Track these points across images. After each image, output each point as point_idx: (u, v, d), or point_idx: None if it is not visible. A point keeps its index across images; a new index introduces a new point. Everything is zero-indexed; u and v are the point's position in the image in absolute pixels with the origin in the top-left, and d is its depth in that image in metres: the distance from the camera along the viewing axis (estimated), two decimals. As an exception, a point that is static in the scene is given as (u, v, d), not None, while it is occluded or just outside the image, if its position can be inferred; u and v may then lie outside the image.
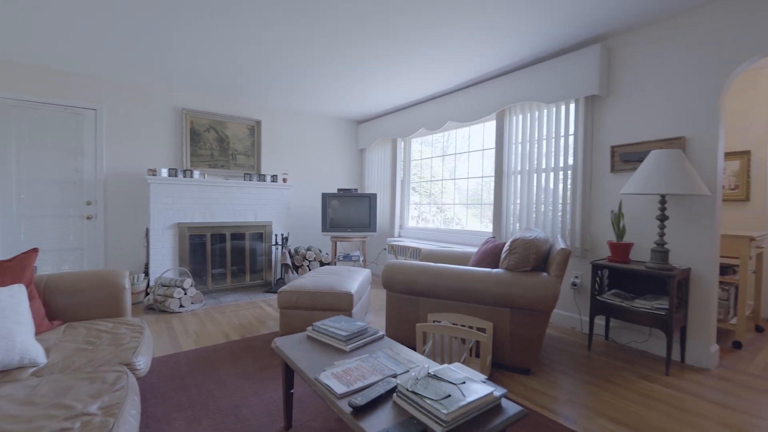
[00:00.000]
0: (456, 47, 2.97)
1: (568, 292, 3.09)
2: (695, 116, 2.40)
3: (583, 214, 2.94)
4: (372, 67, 3.44)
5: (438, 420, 0.99)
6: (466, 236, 4.16)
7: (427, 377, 1.17)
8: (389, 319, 2.57)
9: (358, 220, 4.55)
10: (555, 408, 1.88)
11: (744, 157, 3.50)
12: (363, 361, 1.41)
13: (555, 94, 3.01)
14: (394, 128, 4.81)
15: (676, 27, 2.47)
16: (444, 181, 4.72)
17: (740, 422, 1.77)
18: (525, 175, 3.35)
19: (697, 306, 2.40)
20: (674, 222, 2.49)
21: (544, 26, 2.62)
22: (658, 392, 2.05)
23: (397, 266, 2.50)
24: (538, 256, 2.20)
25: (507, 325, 2.20)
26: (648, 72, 2.61)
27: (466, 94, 3.83)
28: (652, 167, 2.29)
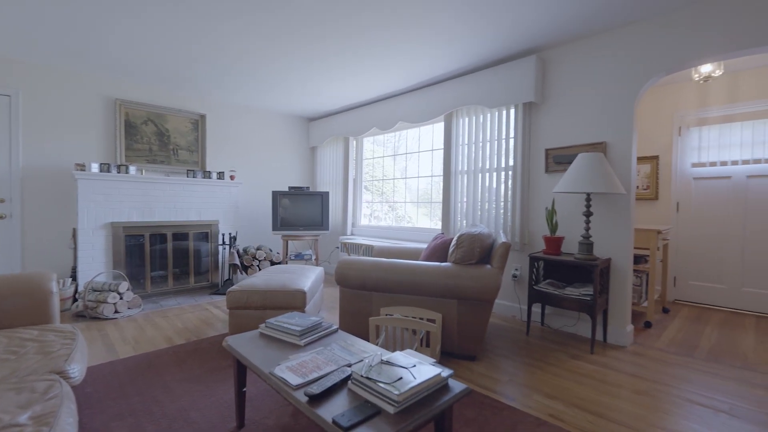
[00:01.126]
0: (406, 50, 3.08)
1: (509, 283, 3.33)
2: (614, 124, 2.71)
3: (522, 211, 3.19)
4: (324, 66, 3.44)
5: (390, 401, 1.05)
6: (417, 233, 4.31)
7: (380, 364, 1.23)
8: (343, 314, 2.60)
9: (310, 219, 4.52)
10: (497, 389, 2.04)
11: (654, 161, 4.00)
12: (318, 354, 1.44)
13: (497, 99, 3.23)
14: (347, 127, 4.83)
15: (597, 44, 2.78)
16: (395, 180, 4.83)
17: (649, 389, 2.05)
18: (471, 174, 3.55)
19: (616, 292, 2.72)
20: (598, 217, 2.79)
21: (488, 36, 2.80)
22: (584, 368, 2.30)
23: (349, 262, 2.54)
24: (482, 249, 2.36)
25: (455, 315, 2.33)
26: (576, 83, 2.90)
27: (416, 96, 3.96)
28: (579, 169, 2.55)
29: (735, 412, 1.83)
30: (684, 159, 3.84)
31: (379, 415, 1.05)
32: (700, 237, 3.76)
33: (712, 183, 3.70)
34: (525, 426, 1.66)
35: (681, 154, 3.86)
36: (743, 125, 3.52)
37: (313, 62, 3.37)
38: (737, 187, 3.56)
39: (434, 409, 1.09)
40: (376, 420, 1.02)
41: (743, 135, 3.52)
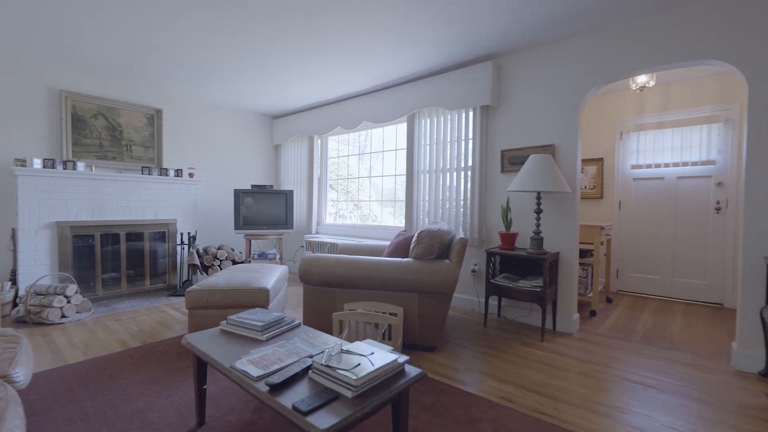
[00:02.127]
0: (369, 51, 3.14)
1: (468, 278, 3.49)
2: (561, 128, 2.93)
3: (480, 209, 3.35)
4: (288, 64, 3.43)
5: (348, 386, 1.11)
6: (382, 231, 4.39)
7: (340, 353, 1.28)
8: (306, 311, 2.62)
9: (274, 217, 4.47)
10: (455, 376, 2.15)
11: (599, 163, 4.33)
12: (280, 347, 1.47)
13: (456, 101, 3.37)
14: (311, 125, 4.82)
15: (546, 53, 2.98)
16: (360, 178, 4.89)
17: (591, 370, 2.25)
18: (432, 174, 3.68)
19: (564, 283, 2.94)
20: (547, 214, 3.00)
21: (448, 41, 2.93)
22: (534, 355, 2.48)
23: (313, 259, 2.57)
24: (441, 245, 2.47)
25: (416, 309, 2.43)
26: (527, 88, 3.10)
27: (380, 97, 4.04)
28: (530, 169, 2.74)
29: (661, 386, 2.05)
30: (625, 161, 4.19)
31: (338, 399, 1.10)
32: (639, 233, 4.12)
33: (649, 183, 4.06)
34: (478, 408, 1.78)
35: (622, 157, 4.21)
36: (674, 131, 3.90)
37: (275, 61, 3.35)
38: (669, 187, 3.94)
39: (391, 392, 1.16)
40: (335, 404, 1.08)
41: (674, 140, 3.90)
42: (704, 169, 3.74)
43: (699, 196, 3.78)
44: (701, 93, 3.73)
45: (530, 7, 2.44)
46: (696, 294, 3.80)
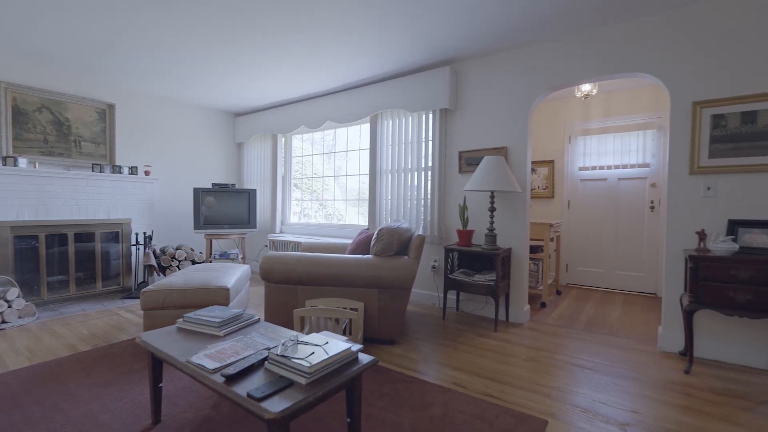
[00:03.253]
0: (332, 53, 3.19)
1: (428, 274, 3.63)
2: (513, 131, 3.12)
3: (440, 208, 3.49)
4: (251, 62, 3.41)
5: (302, 373, 1.17)
6: (347, 230, 4.45)
7: (296, 344, 1.34)
8: (268, 309, 2.64)
9: (237, 217, 4.40)
10: (413, 366, 2.25)
11: (550, 165, 4.62)
12: (237, 342, 1.50)
13: (417, 104, 3.50)
14: (275, 124, 4.79)
15: (499, 61, 3.17)
16: (324, 177, 4.91)
17: (537, 356, 2.43)
18: (395, 174, 3.78)
19: (516, 277, 3.14)
20: (500, 212, 3.19)
21: (408, 45, 3.04)
22: (487, 344, 2.64)
23: (275, 257, 2.59)
24: (400, 242, 2.57)
25: (375, 303, 2.51)
26: (483, 93, 3.27)
27: (343, 97, 4.09)
28: (484, 170, 2.90)
29: (597, 368, 2.26)
30: (573, 163, 4.51)
31: (293, 386, 1.16)
32: (586, 229, 4.45)
33: (594, 184, 4.40)
34: (432, 394, 1.89)
35: (570, 159, 4.52)
36: (615, 136, 4.25)
37: (238, 58, 3.32)
38: (611, 188, 4.28)
39: (344, 377, 1.24)
40: (289, 390, 1.14)
41: (615, 144, 4.25)
42: (640, 171, 4.11)
43: (636, 196, 4.14)
44: (638, 102, 4.08)
45: (484, 18, 2.59)
46: (634, 285, 4.16)
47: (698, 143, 2.38)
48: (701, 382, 2.08)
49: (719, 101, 2.31)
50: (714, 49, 2.34)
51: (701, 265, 2.12)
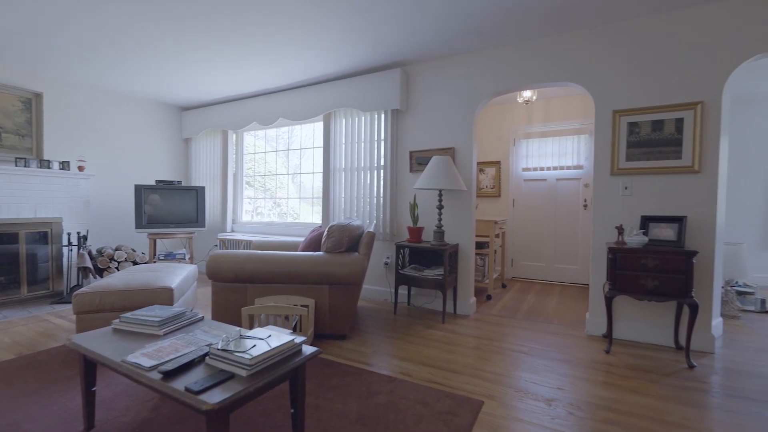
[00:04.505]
0: (285, 50, 3.17)
1: (381, 270, 3.71)
2: (460, 133, 3.28)
3: (392, 206, 3.59)
4: (201, 56, 3.29)
5: (243, 365, 1.19)
6: (301, 228, 4.42)
7: (239, 338, 1.35)
8: (216, 308, 2.58)
9: (184, 215, 4.22)
10: (363, 359, 2.32)
11: (497, 165, 4.89)
12: (178, 340, 1.47)
13: (370, 104, 3.57)
14: (225, 119, 4.64)
15: (447, 65, 3.32)
16: (278, 176, 4.84)
17: (480, 344, 2.59)
18: (348, 172, 3.83)
19: (463, 271, 3.31)
20: (448, 210, 3.34)
21: (360, 46, 3.09)
22: (435, 335, 2.76)
23: (222, 255, 2.54)
24: (351, 239, 2.63)
25: (326, 300, 2.55)
26: (432, 95, 3.41)
27: (296, 94, 4.07)
28: (432, 169, 3.03)
29: (531, 352, 2.46)
30: (517, 164, 4.81)
31: (233, 378, 1.18)
32: (529, 226, 4.76)
33: (535, 184, 4.72)
34: (379, 384, 1.97)
35: (515, 160, 4.81)
36: (553, 140, 4.59)
37: (186, 50, 3.19)
38: (550, 188, 4.62)
39: (287, 368, 1.27)
40: (229, 382, 1.15)
41: (553, 147, 4.59)
42: (575, 173, 4.48)
43: (572, 195, 4.51)
44: (573, 109, 4.45)
45: (431, 24, 2.71)
46: (570, 277, 4.52)
47: (617, 147, 2.66)
48: (618, 360, 2.34)
49: (634, 110, 2.60)
50: (631, 64, 2.63)
51: (618, 256, 2.38)
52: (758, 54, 2.29)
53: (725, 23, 2.37)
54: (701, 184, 2.45)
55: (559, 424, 1.64)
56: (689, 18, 2.46)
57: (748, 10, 2.31)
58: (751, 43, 2.30)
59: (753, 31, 2.30)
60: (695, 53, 2.45)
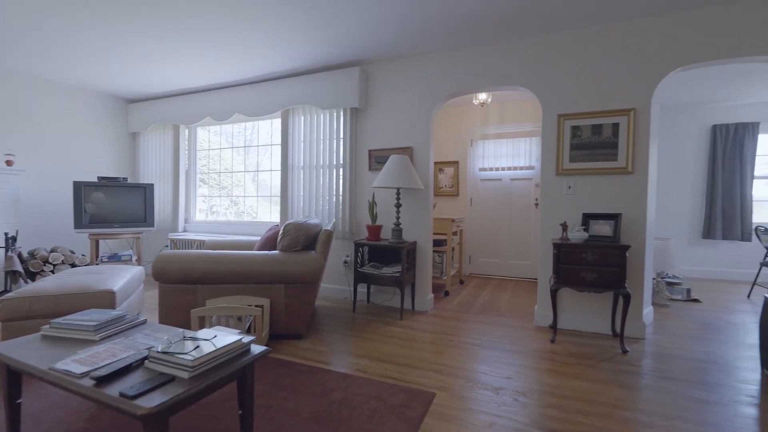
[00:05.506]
0: (240, 45, 3.07)
1: (341, 269, 3.70)
2: (417, 133, 3.35)
3: (351, 204, 3.59)
4: (152, 46, 3.11)
5: (185, 367, 1.15)
6: (259, 227, 4.30)
7: (182, 340, 1.30)
8: (163, 311, 2.46)
9: (130, 214, 3.97)
10: (319, 358, 2.30)
11: (455, 165, 5.03)
12: (116, 344, 1.39)
13: (328, 101, 3.54)
14: (177, 113, 4.42)
15: (405, 66, 3.37)
16: (234, 173, 4.68)
17: (435, 339, 2.66)
18: (307, 170, 3.78)
19: (421, 268, 3.37)
20: (406, 208, 3.40)
21: (317, 43, 3.06)
22: (393, 332, 2.80)
23: (170, 255, 2.42)
24: (307, 237, 2.60)
25: (282, 299, 2.51)
26: (390, 95, 3.44)
27: (252, 90, 3.95)
28: (390, 168, 3.07)
29: (483, 344, 2.56)
30: (474, 164, 4.97)
31: (174, 381, 1.13)
32: (485, 224, 4.94)
33: (491, 184, 4.90)
34: (333, 381, 1.97)
35: (472, 161, 4.98)
36: (508, 141, 4.79)
37: (133, 41, 3.00)
38: (505, 187, 4.83)
39: (233, 368, 1.24)
40: (169, 386, 1.10)
41: (508, 148, 4.79)
42: (528, 173, 4.70)
43: (524, 194, 4.73)
44: (525, 112, 4.67)
45: (388, 25, 2.74)
46: (523, 272, 4.75)
47: (562, 149, 2.83)
48: (562, 348, 2.49)
49: (576, 115, 2.78)
50: (575, 71, 2.81)
51: (562, 251, 2.54)
52: (680, 67, 2.53)
53: (654, 38, 2.59)
54: (634, 184, 2.67)
55: (505, 411, 1.73)
56: (624, 31, 2.66)
57: (672, 28, 2.54)
58: (675, 56, 2.54)
59: (676, 47, 2.54)
60: (629, 64, 2.66)
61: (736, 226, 4.70)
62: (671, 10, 2.51)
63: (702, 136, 4.93)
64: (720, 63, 2.49)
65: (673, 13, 2.53)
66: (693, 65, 2.52)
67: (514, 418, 1.67)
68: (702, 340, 2.65)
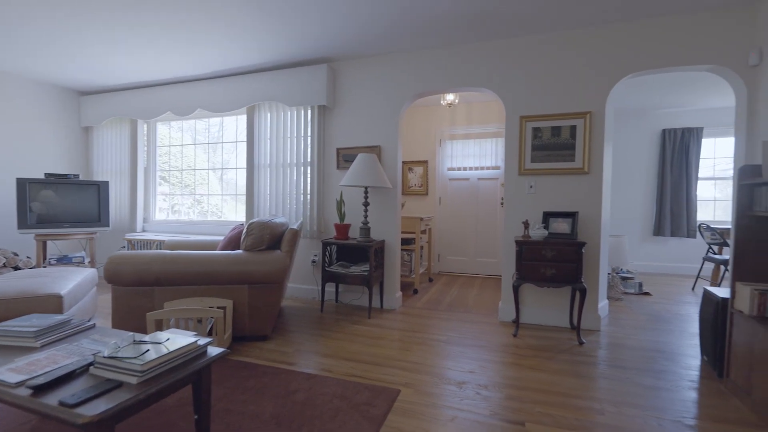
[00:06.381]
0: (203, 37, 2.96)
1: (309, 268, 3.66)
2: (386, 132, 3.36)
3: (319, 203, 3.55)
4: (106, 36, 2.93)
5: (133, 372, 1.10)
6: (225, 227, 4.17)
7: (132, 344, 1.24)
8: (116, 315, 2.33)
9: (83, 214, 3.74)
10: (284, 359, 2.26)
11: (425, 165, 5.09)
12: (58, 351, 1.31)
13: (295, 98, 3.48)
14: (135, 107, 4.20)
15: (373, 64, 3.37)
16: (198, 170, 4.52)
17: (403, 336, 2.68)
18: (274, 168, 3.70)
19: (389, 267, 3.39)
20: (374, 207, 3.40)
21: (283, 38, 3.00)
22: (360, 330, 2.80)
23: (124, 256, 2.30)
24: (272, 236, 2.55)
25: (246, 300, 2.44)
26: (359, 93, 3.44)
27: (216, 84, 3.83)
28: (358, 166, 3.06)
29: (449, 340, 2.61)
30: (443, 164, 5.05)
31: (121, 387, 1.07)
32: (454, 223, 5.03)
33: (459, 183, 5.00)
34: (297, 382, 1.94)
35: (441, 160, 5.05)
36: (475, 141, 4.91)
37: (87, 31, 2.82)
38: (472, 187, 4.94)
39: (187, 371, 1.19)
40: (115, 392, 1.05)
41: (475, 148, 4.91)
42: (494, 173, 4.83)
43: (491, 193, 4.86)
44: (491, 113, 4.79)
45: (353, 23, 2.73)
46: (490, 269, 4.88)
47: (524, 150, 2.93)
48: (523, 342, 2.58)
49: (537, 117, 2.89)
50: (537, 74, 2.91)
51: (523, 248, 2.63)
52: (632, 73, 2.68)
53: (608, 46, 2.73)
54: (590, 184, 2.81)
55: (467, 405, 1.77)
56: (581, 38, 2.79)
57: (624, 37, 2.69)
58: (627, 63, 2.69)
59: (627, 54, 2.69)
60: (585, 69, 2.79)
61: (683, 224, 5.04)
62: (624, 20, 2.66)
63: (653, 139, 5.25)
64: (666, 71, 2.66)
65: (626, 23, 2.68)
66: (643, 72, 2.68)
67: (476, 411, 1.71)
68: (651, 331, 2.82)
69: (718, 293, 2.13)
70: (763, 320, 1.70)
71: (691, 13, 2.54)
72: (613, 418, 1.67)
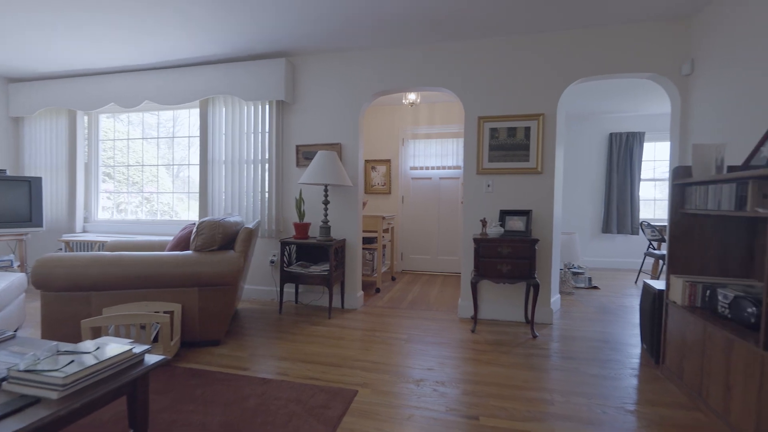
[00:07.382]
0: (151, 23, 2.76)
1: (267, 269, 3.54)
2: (347, 130, 3.31)
3: (278, 201, 3.44)
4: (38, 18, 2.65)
5: (54, 386, 0.99)
6: (178, 226, 3.94)
7: (55, 355, 1.12)
8: (47, 324, 2.12)
9: (11, 212, 3.39)
10: (237, 364, 2.16)
11: (388, 164, 5.09)
12: (-34, 366, 1.16)
13: (252, 93, 3.35)
14: (74, 97, 3.87)
15: (333, 60, 3.32)
16: (147, 166, 4.24)
17: (364, 336, 2.65)
18: (230, 164, 3.54)
19: (350, 266, 3.35)
20: (334, 206, 3.35)
21: (236, 30, 2.87)
22: (320, 331, 2.74)
23: (55, 259, 2.10)
24: (225, 236, 2.43)
25: (196, 303, 2.31)
26: (319, 89, 3.36)
27: (166, 75, 3.60)
28: (318, 164, 2.99)
29: (410, 338, 2.61)
30: (405, 163, 5.08)
31: (38, 403, 0.96)
32: (417, 221, 5.07)
33: (422, 182, 5.05)
34: (250, 387, 1.86)
35: (404, 160, 5.08)
36: (437, 141, 4.97)
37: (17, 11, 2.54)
38: (434, 186, 5.00)
39: (119, 382, 1.09)
40: (30, 409, 0.94)
41: (437, 148, 4.97)
42: (455, 172, 4.92)
43: (452, 192, 4.95)
44: (453, 113, 4.88)
45: (310, 16, 2.66)
46: (451, 267, 4.96)
47: (482, 149, 3.00)
48: (481, 337, 2.64)
49: (495, 118, 2.96)
50: (494, 76, 2.99)
51: (481, 246, 2.68)
52: (580, 78, 2.82)
53: (559, 51, 2.85)
54: (543, 183, 2.92)
55: (424, 402, 1.77)
56: (535, 43, 2.90)
57: (573, 44, 2.82)
58: (575, 69, 2.82)
59: (576, 61, 2.82)
60: (539, 73, 2.90)
61: (628, 222, 5.40)
62: (573, 27, 2.78)
63: (601, 142, 5.58)
64: (612, 77, 2.82)
65: (575, 29, 2.81)
66: (590, 78, 2.83)
67: (432, 408, 1.72)
68: (598, 322, 2.98)
69: (655, 285, 2.29)
70: (693, 309, 1.84)
71: (634, 23, 2.71)
72: (562, 407, 1.74)
